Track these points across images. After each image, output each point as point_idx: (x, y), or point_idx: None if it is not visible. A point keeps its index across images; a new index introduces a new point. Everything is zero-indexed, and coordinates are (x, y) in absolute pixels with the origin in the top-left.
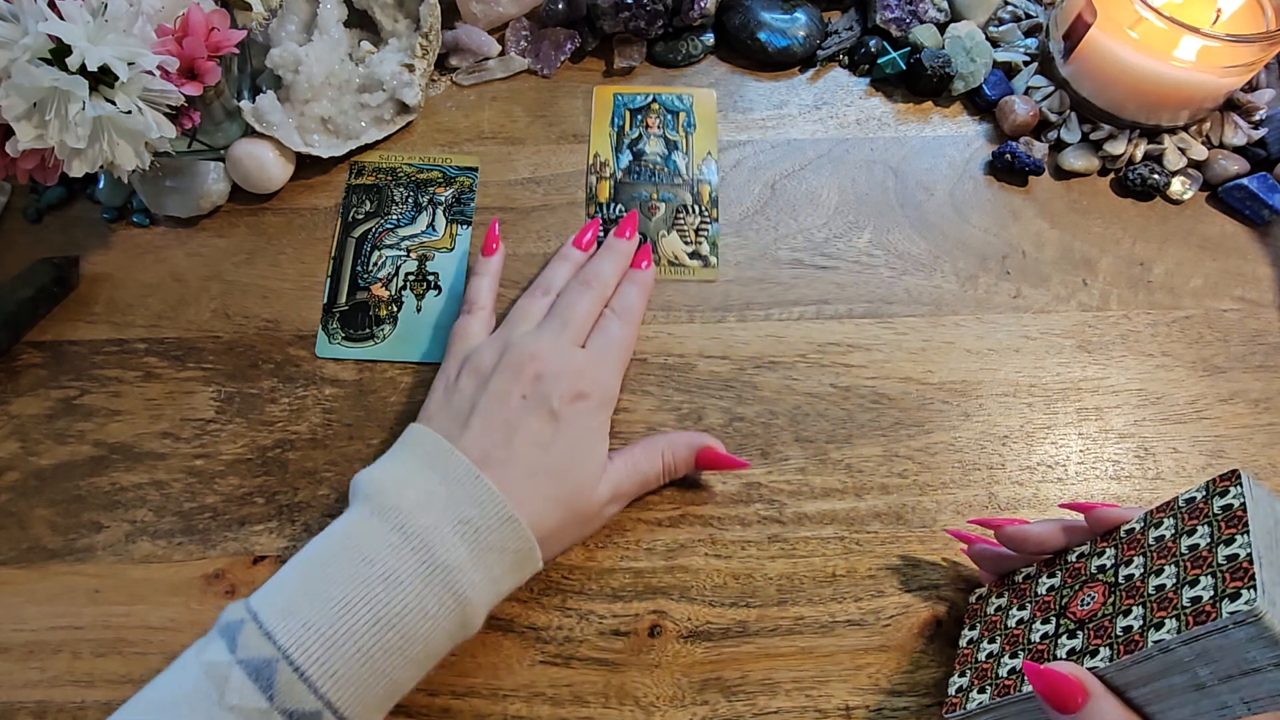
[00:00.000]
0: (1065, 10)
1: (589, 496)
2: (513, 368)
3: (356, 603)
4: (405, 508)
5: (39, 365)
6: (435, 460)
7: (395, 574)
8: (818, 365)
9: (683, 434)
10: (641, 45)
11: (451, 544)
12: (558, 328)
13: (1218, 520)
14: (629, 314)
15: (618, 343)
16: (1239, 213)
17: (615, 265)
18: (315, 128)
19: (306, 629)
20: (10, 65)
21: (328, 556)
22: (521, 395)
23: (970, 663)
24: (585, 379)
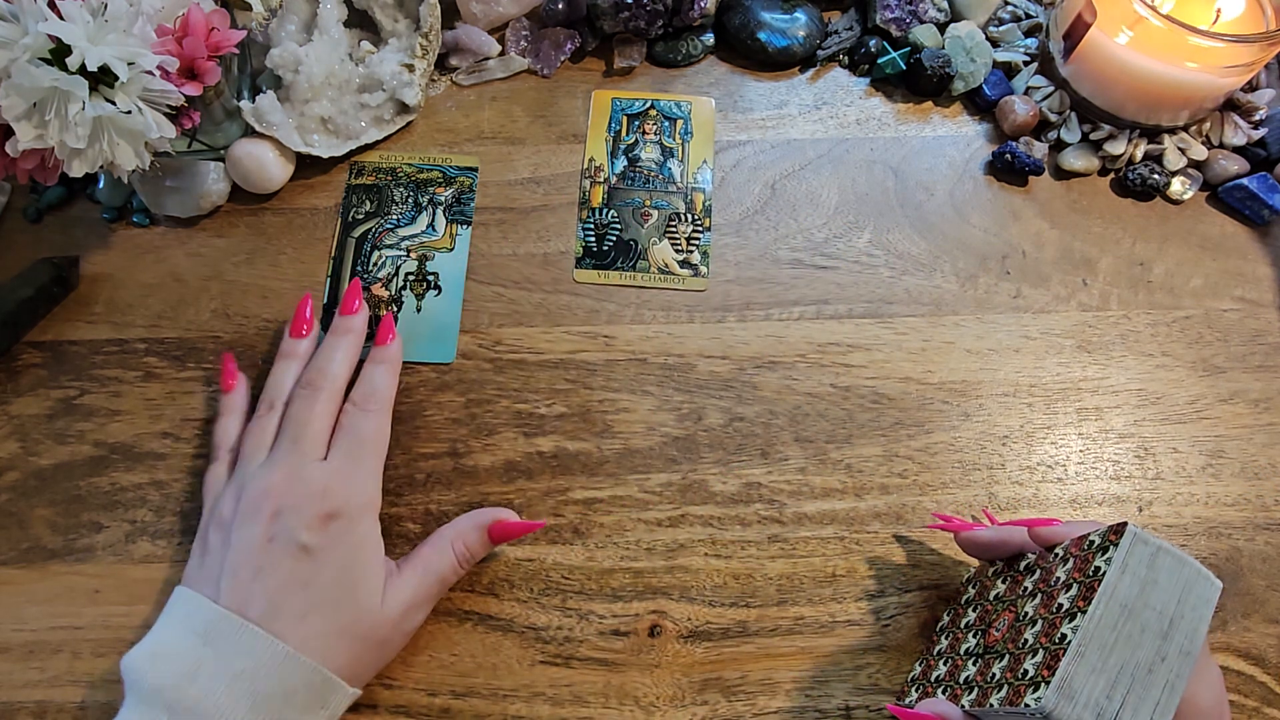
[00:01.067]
0: (1065, 10)
1: (375, 618)
2: (249, 512)
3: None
4: (169, 685)
5: (39, 365)
6: (195, 622)
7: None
8: (818, 365)
9: (466, 517)
10: (641, 45)
11: (227, 707)
12: (288, 450)
13: (1086, 583)
14: (374, 402)
15: (365, 440)
16: (1239, 213)
17: (345, 352)
18: (315, 128)
19: None
20: (10, 65)
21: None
22: (267, 539)
23: (926, 655)
24: (330, 497)
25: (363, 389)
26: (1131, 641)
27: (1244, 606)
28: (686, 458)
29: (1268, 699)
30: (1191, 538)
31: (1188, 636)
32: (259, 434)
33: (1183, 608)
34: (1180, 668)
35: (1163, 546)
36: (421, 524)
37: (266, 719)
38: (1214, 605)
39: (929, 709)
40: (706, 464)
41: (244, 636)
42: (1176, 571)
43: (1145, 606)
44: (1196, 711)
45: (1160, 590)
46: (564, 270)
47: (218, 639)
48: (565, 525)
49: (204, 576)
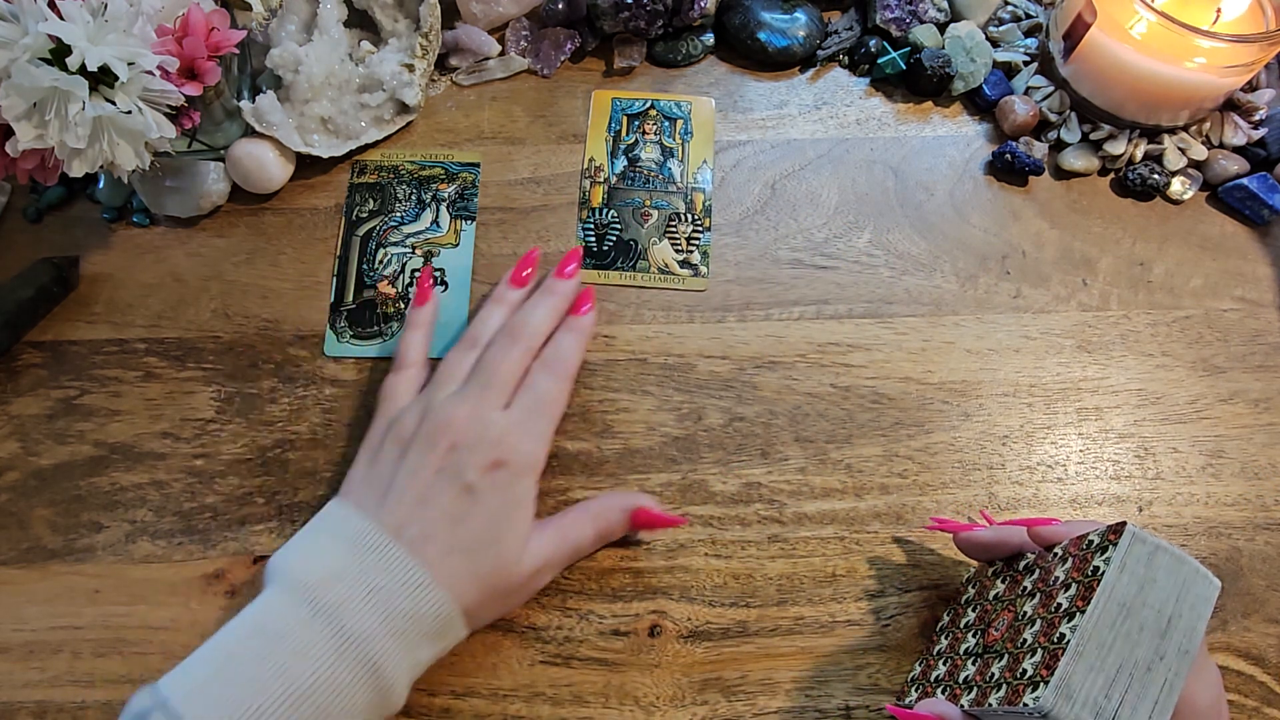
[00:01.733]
0: (1065, 10)
1: (511, 571)
2: (428, 438)
3: (267, 679)
4: (314, 582)
5: (39, 365)
6: (344, 532)
7: (306, 648)
8: (818, 365)
9: (615, 496)
10: (641, 45)
11: (363, 614)
12: (478, 390)
13: (1084, 582)
14: (561, 367)
15: (545, 401)
16: (1239, 213)
17: (549, 311)
18: (315, 128)
19: (217, 709)
20: (10, 65)
21: (237, 637)
22: (436, 469)
23: (925, 655)
24: (503, 446)
25: (552, 351)
26: (1130, 640)
27: (1244, 606)
28: (686, 458)
29: (1268, 699)
30: (1191, 538)
31: (1186, 635)
32: (454, 366)
33: (1181, 606)
34: (1179, 666)
35: (1161, 545)
36: None
37: (393, 635)
38: (1212, 604)
39: (928, 709)
40: (706, 464)
41: (390, 554)
42: (1175, 570)
43: (1144, 605)
44: (1195, 711)
45: (1158, 589)
46: None
47: (365, 552)
48: None
49: (370, 483)
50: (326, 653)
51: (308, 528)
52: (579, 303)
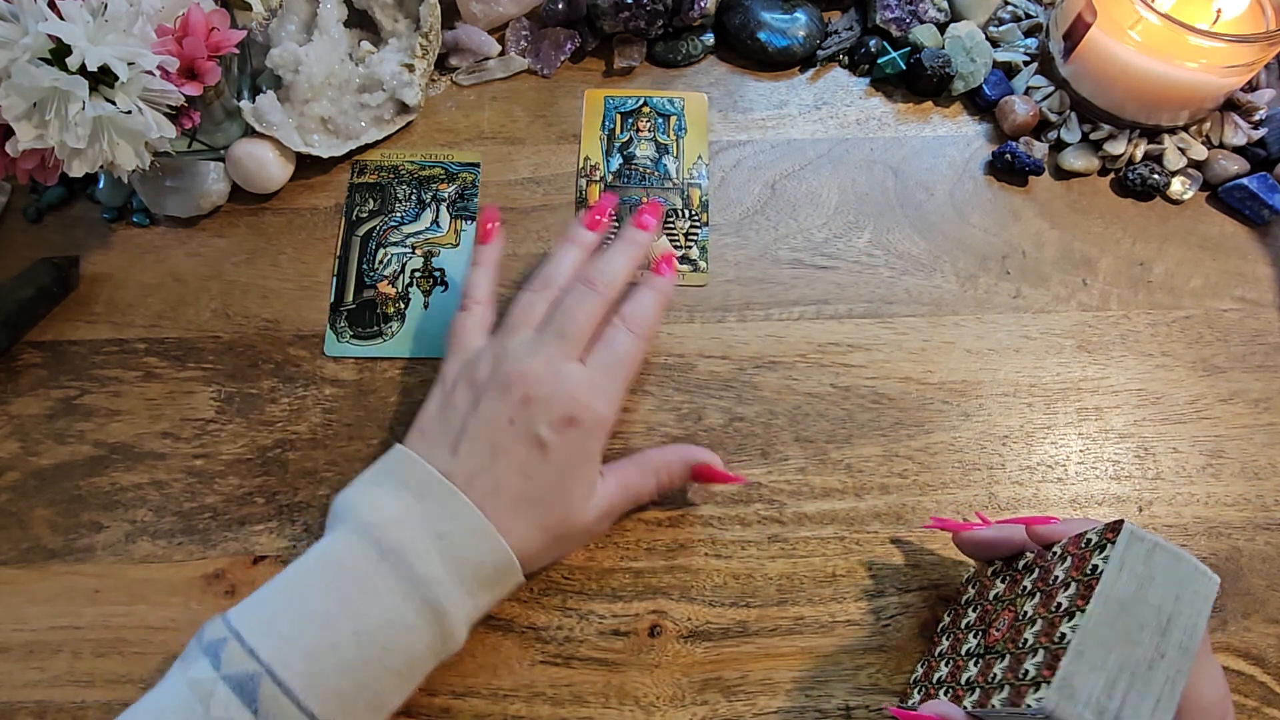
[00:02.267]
0: (1065, 10)
1: (574, 522)
2: (502, 387)
3: (336, 616)
4: (381, 523)
5: (39, 365)
6: (410, 477)
7: (374, 588)
8: (818, 365)
9: (676, 449)
10: (641, 45)
11: (428, 557)
12: (553, 340)
13: (1084, 581)
14: (639, 325)
15: (622, 359)
16: (1239, 213)
17: (628, 262)
18: (315, 128)
19: (288, 644)
20: (10, 65)
21: (306, 574)
22: (509, 419)
23: (927, 656)
24: (578, 403)
25: (632, 308)
26: (1130, 639)
27: (1244, 606)
28: None
29: (1268, 699)
30: (1191, 538)
31: (1186, 632)
32: (528, 309)
33: (1180, 604)
34: (1180, 663)
35: (1159, 543)
36: None
37: (457, 581)
38: (1212, 600)
39: (932, 711)
40: None
41: (453, 503)
42: (1173, 568)
43: (1143, 603)
44: (1199, 709)
45: (1157, 587)
46: None
47: (429, 498)
48: None
49: (442, 428)
50: (394, 594)
51: (374, 469)
52: (660, 262)
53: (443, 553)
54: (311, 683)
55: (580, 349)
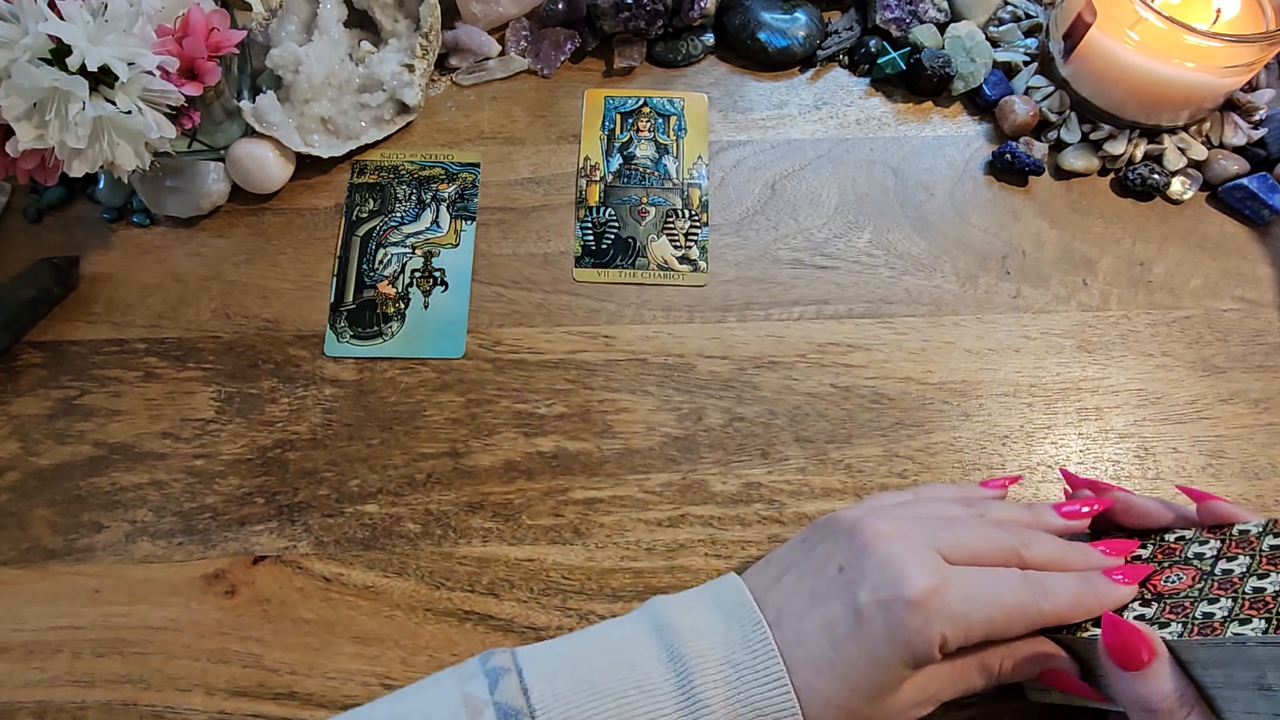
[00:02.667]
0: (1065, 10)
1: (883, 713)
2: (849, 529)
3: (607, 695)
4: (680, 629)
5: (39, 365)
6: (725, 598)
7: (651, 686)
8: (818, 365)
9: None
10: (641, 45)
11: (713, 681)
12: (928, 521)
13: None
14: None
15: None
16: (1239, 213)
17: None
18: (315, 128)
19: (558, 699)
20: (10, 65)
21: (599, 646)
22: (839, 565)
23: None
24: (917, 584)
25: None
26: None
27: None
28: (686, 458)
29: None
30: None
31: None
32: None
33: None
34: None
35: None
36: (421, 524)
37: (731, 715)
38: None
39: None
40: (706, 464)
41: (756, 637)
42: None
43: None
44: None
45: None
46: (564, 270)
47: (734, 624)
48: (565, 525)
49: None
50: (667, 700)
51: (703, 586)
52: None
53: (729, 683)
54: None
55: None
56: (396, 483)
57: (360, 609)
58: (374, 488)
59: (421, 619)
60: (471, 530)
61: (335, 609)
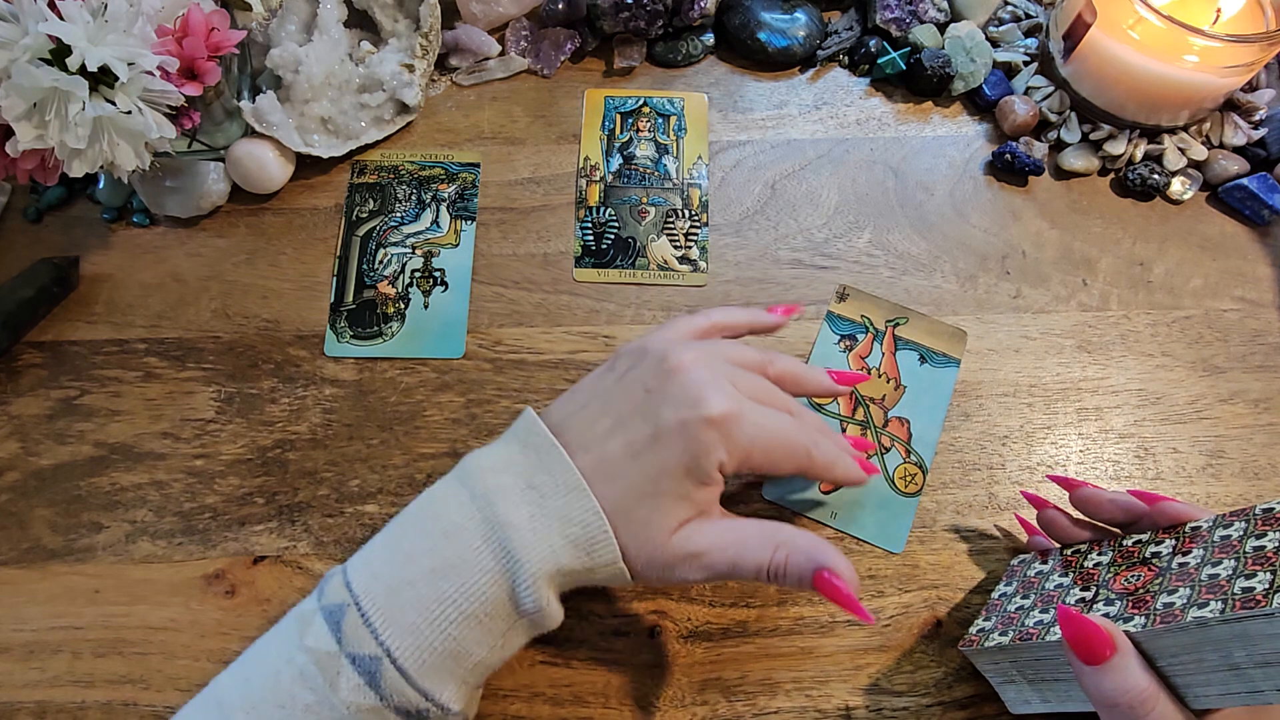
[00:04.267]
0: (1065, 10)
1: (657, 536)
2: (659, 357)
3: (419, 554)
4: (480, 469)
5: (39, 365)
6: (523, 430)
7: (456, 528)
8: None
9: (810, 538)
10: (641, 45)
11: (515, 504)
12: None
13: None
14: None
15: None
16: (1239, 213)
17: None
18: (315, 128)
19: (375, 578)
20: (10, 65)
21: (408, 515)
22: (645, 388)
23: (999, 611)
24: (717, 408)
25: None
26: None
27: None
28: None
29: None
30: None
31: None
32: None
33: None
34: None
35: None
36: None
37: (536, 532)
38: None
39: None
40: None
41: (552, 456)
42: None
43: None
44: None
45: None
46: (564, 270)
47: (531, 450)
48: None
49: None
50: (474, 536)
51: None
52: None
53: (530, 503)
54: (389, 617)
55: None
56: (396, 483)
57: None
58: (374, 488)
59: None
60: None
61: None
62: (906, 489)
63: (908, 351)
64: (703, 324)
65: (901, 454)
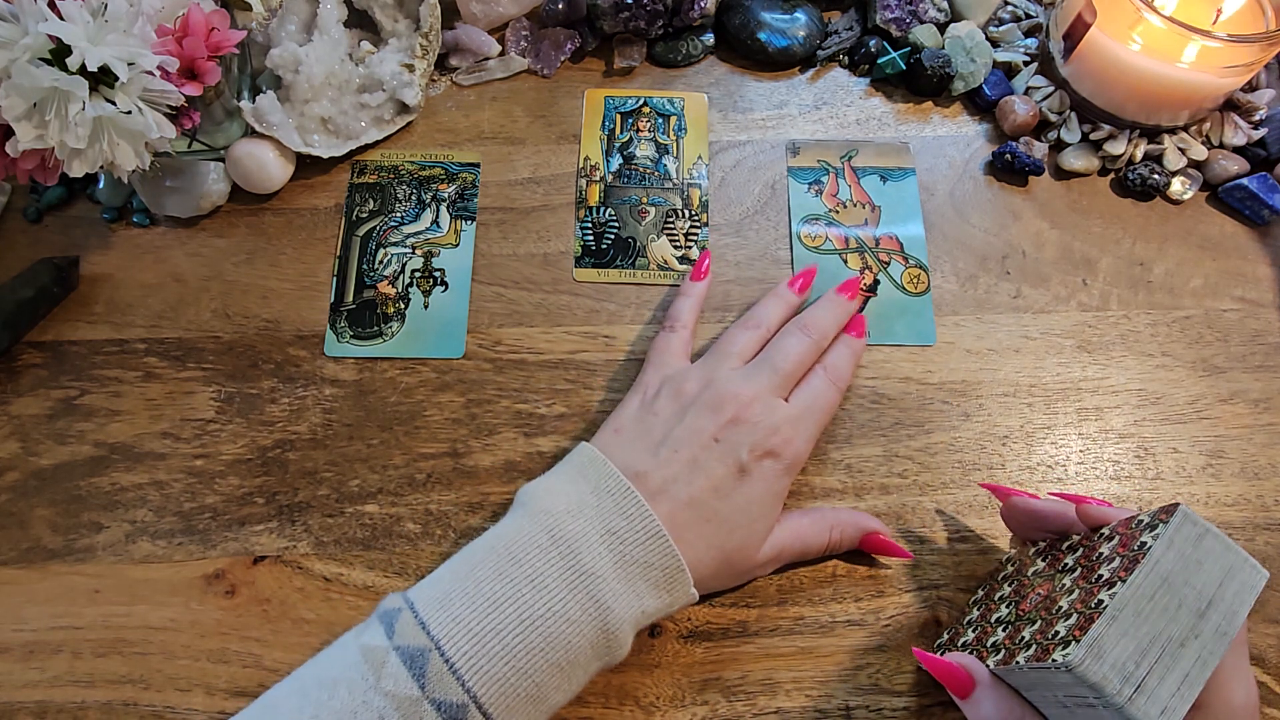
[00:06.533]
0: (1065, 10)
1: (751, 554)
2: (712, 405)
3: (504, 601)
4: (555, 512)
5: (39, 365)
6: (589, 472)
7: (541, 576)
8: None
9: (851, 512)
10: (641, 45)
11: (597, 552)
12: (767, 374)
13: (1130, 556)
14: (839, 377)
15: (822, 406)
16: (1239, 213)
17: (836, 320)
18: (315, 128)
19: (457, 623)
20: (10, 65)
21: (481, 555)
22: (714, 437)
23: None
24: (781, 436)
25: (834, 360)
26: (1167, 614)
27: None
28: None
29: (1267, 699)
30: None
31: (1225, 618)
32: (739, 341)
33: (1224, 591)
34: (1214, 646)
35: (1211, 530)
36: (421, 524)
37: (623, 580)
38: (1257, 593)
39: (956, 659)
40: None
41: (629, 502)
42: (1222, 555)
43: (1185, 584)
44: (1230, 709)
45: (1203, 571)
46: (564, 270)
47: (604, 494)
48: None
49: (640, 430)
50: (560, 585)
51: (561, 463)
52: (852, 325)
53: (612, 550)
54: (476, 664)
55: (789, 389)
56: (396, 483)
57: (360, 609)
58: (374, 488)
59: None
60: (472, 530)
61: (335, 609)
62: (916, 289)
63: (869, 177)
64: (753, 345)
65: (901, 262)
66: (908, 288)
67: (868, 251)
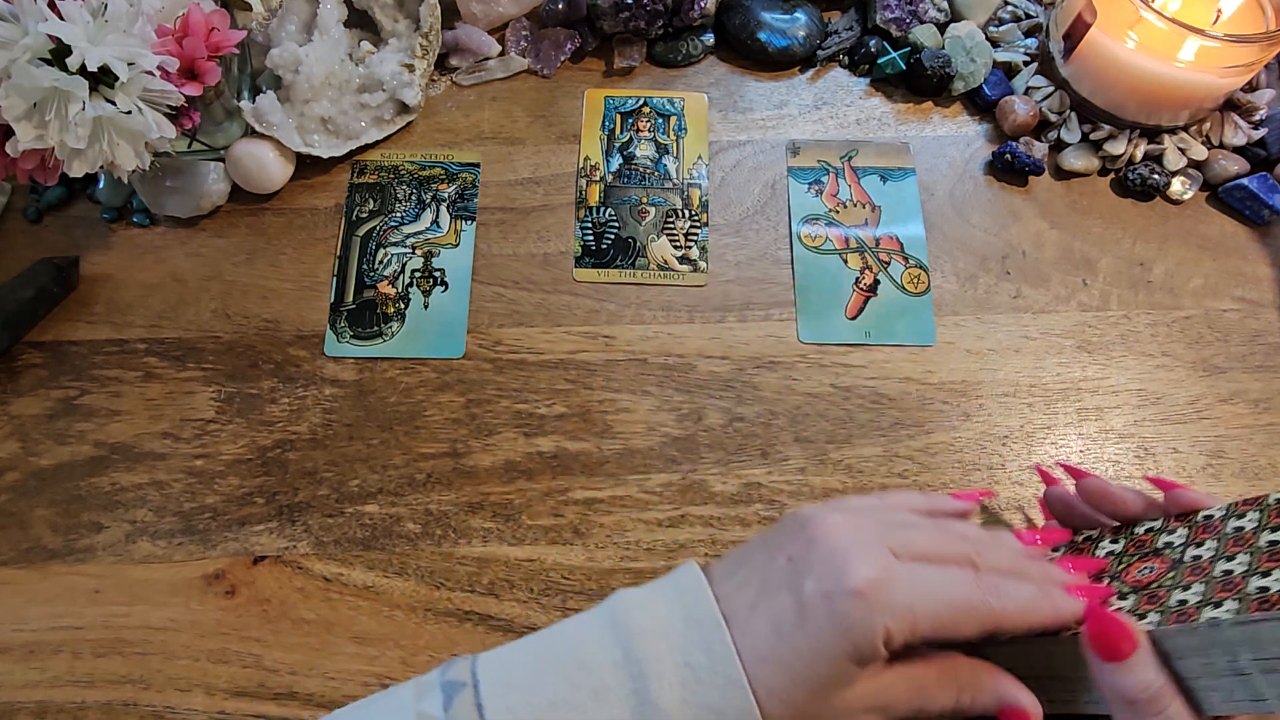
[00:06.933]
0: (1065, 10)
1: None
2: (799, 523)
3: (560, 704)
4: (638, 631)
5: (39, 365)
6: (684, 595)
7: (605, 689)
8: (818, 365)
9: (994, 673)
10: (641, 45)
11: (668, 685)
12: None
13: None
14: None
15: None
16: (1239, 213)
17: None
18: (315, 128)
19: (512, 713)
20: (10, 65)
21: (555, 648)
22: (788, 556)
23: None
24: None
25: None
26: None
27: None
28: (686, 458)
29: None
30: None
31: None
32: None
33: None
34: None
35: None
36: (421, 524)
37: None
38: None
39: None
40: (706, 464)
41: (715, 639)
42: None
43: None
44: None
45: None
46: (564, 270)
47: (693, 624)
48: (565, 525)
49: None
50: (621, 708)
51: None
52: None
53: (684, 684)
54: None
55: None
56: (396, 483)
57: (360, 609)
58: (374, 488)
59: (421, 619)
60: (471, 530)
61: (335, 609)
62: (916, 290)
63: (869, 177)
64: (873, 501)
65: (901, 262)
66: (908, 288)
67: (868, 251)
